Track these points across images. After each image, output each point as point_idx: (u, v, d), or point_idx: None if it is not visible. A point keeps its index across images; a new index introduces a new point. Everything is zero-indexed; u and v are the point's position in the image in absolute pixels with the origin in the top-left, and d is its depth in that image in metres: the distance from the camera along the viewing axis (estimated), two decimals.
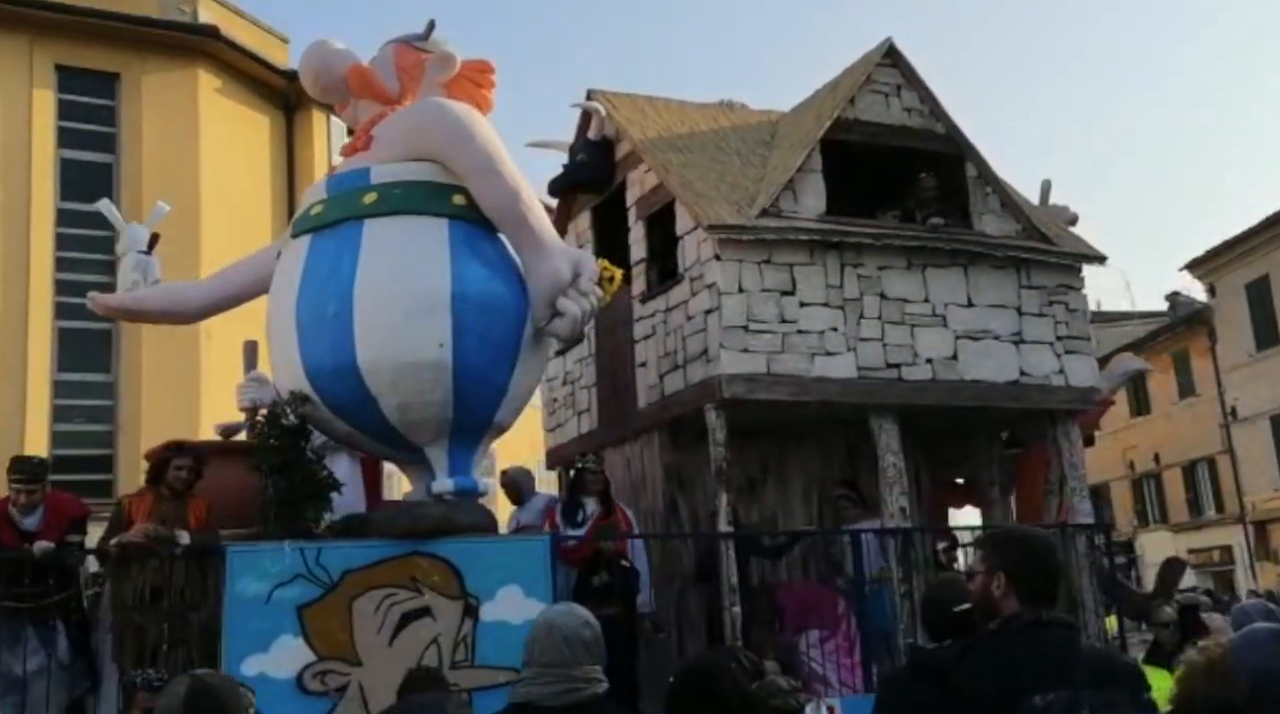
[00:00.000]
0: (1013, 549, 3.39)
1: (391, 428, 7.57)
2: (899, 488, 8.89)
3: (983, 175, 9.65)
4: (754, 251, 8.67)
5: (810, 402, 8.72)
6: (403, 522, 7.38)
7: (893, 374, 8.92)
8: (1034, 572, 3.27)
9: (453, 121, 7.69)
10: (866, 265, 9.01)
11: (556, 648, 3.35)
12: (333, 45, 8.40)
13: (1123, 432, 36.21)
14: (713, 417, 8.54)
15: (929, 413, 9.36)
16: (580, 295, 7.61)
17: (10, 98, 17.79)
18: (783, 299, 8.69)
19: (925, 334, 9.07)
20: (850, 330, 8.84)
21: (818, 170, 9.07)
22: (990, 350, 9.25)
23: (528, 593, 7.48)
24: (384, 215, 7.52)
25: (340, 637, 7.12)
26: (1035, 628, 3.19)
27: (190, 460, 7.26)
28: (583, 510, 8.64)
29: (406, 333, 7.23)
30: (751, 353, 8.51)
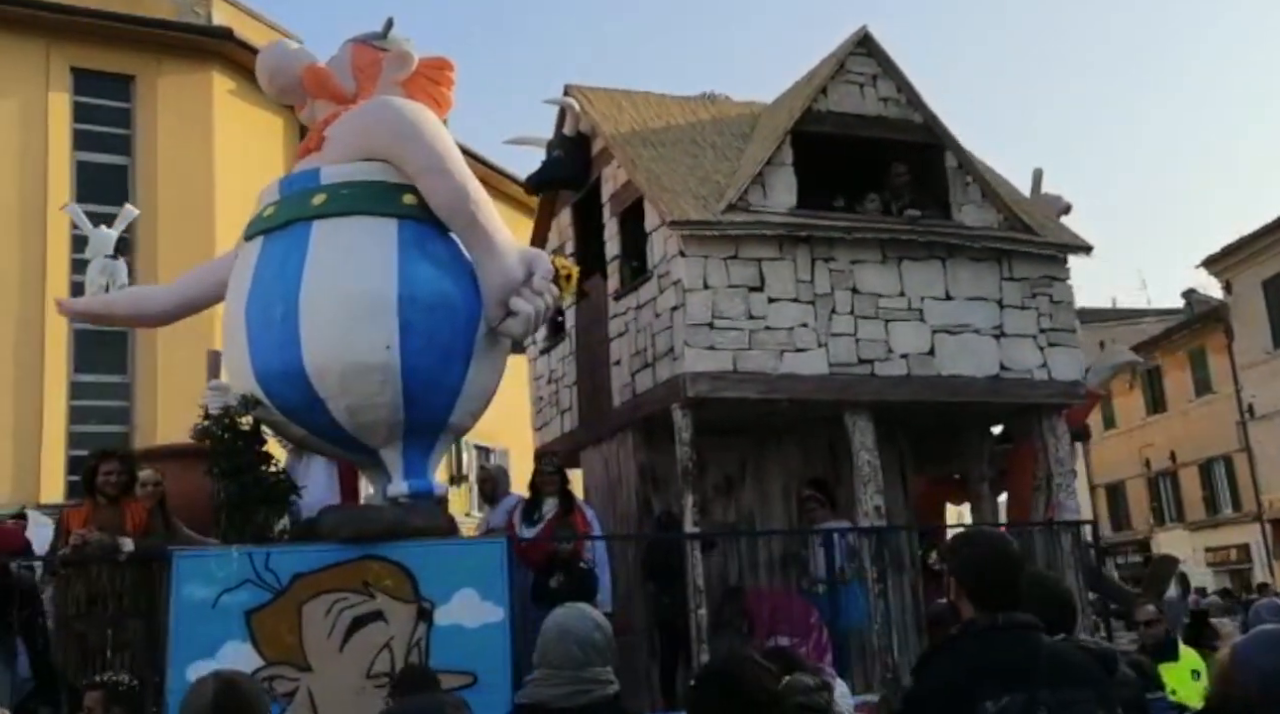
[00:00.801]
0: (962, 553, 3.36)
1: (343, 430, 7.52)
2: (874, 486, 8.71)
3: (963, 165, 9.43)
4: (720, 247, 8.52)
5: (779, 399, 8.55)
6: (353, 525, 7.30)
7: (866, 370, 8.73)
8: (983, 576, 3.22)
9: (401, 120, 7.61)
10: (839, 259, 8.82)
11: (568, 650, 3.34)
12: (288, 45, 8.39)
13: (1138, 430, 35.90)
14: (679, 415, 8.41)
15: (909, 409, 9.18)
16: (534, 294, 7.52)
17: (26, 101, 17.99)
18: (750, 295, 8.53)
19: (900, 329, 8.87)
20: (821, 326, 8.66)
21: (788, 163, 8.89)
22: (969, 344, 9.03)
23: (484, 596, 7.42)
24: (333, 216, 7.47)
25: (289, 641, 7.07)
26: (991, 632, 3.13)
27: (118, 465, 7.23)
28: (540, 510, 8.55)
29: (353, 335, 7.17)
30: (717, 350, 8.36)
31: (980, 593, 3.19)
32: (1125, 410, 36.54)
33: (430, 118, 7.74)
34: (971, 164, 9.46)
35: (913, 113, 9.40)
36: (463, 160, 7.73)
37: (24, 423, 16.59)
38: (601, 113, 9.80)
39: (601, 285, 9.84)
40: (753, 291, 8.54)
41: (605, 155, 9.76)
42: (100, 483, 7.27)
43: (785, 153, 8.91)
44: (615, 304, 9.50)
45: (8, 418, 16.49)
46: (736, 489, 9.55)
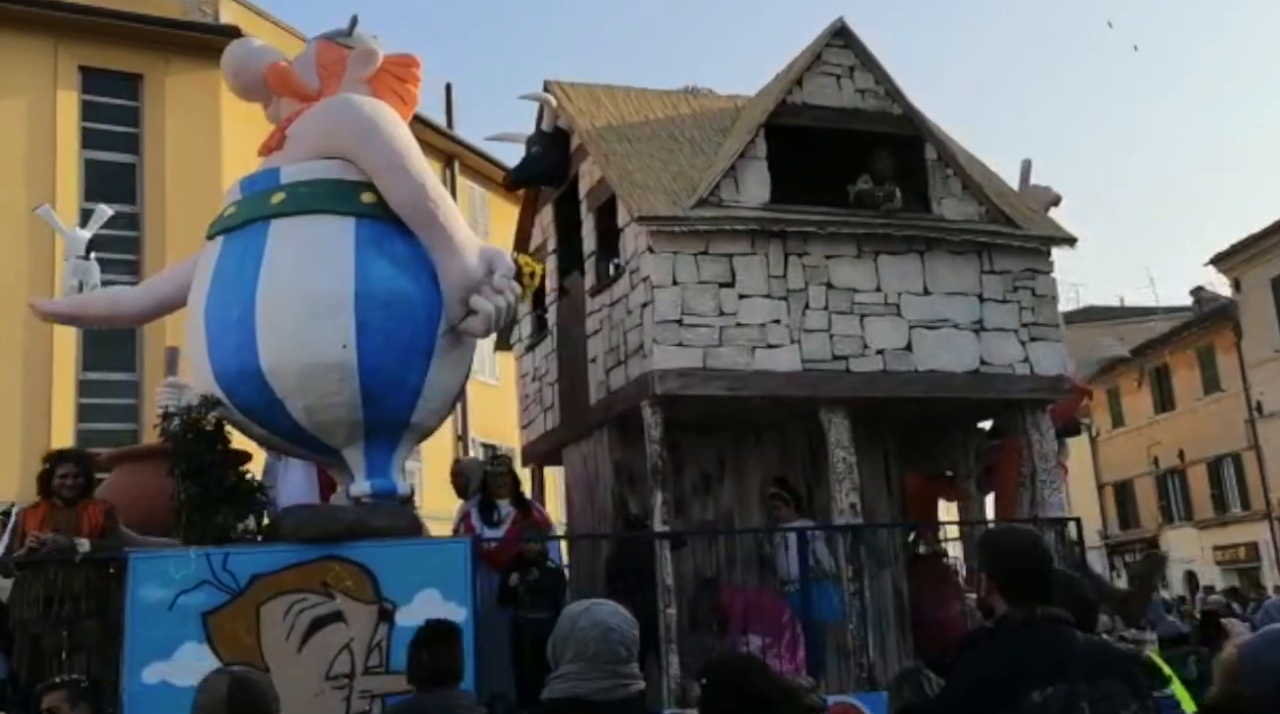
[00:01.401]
0: (990, 550, 3.41)
1: (303, 430, 7.50)
2: (849, 484, 8.58)
3: (942, 158, 9.28)
4: (689, 243, 8.42)
5: (751, 396, 8.45)
6: (313, 525, 7.27)
7: (840, 366, 8.61)
8: (1013, 571, 3.27)
9: (360, 118, 7.57)
10: (813, 254, 8.70)
11: (611, 646, 3.35)
12: (252, 43, 8.38)
13: (1146, 428, 35.73)
14: (648, 413, 8.33)
15: (891, 405, 9.07)
16: (495, 292, 7.46)
17: (35, 99, 18.10)
18: (721, 291, 8.43)
19: (876, 324, 8.74)
20: (794, 322, 8.55)
21: (762, 157, 8.77)
22: (948, 339, 8.89)
23: (447, 596, 7.39)
24: (291, 215, 7.45)
25: (247, 642, 7.05)
26: (1027, 626, 3.17)
27: (74, 467, 7.22)
28: (498, 511, 8.51)
29: (308, 334, 7.15)
30: (686, 347, 8.27)
31: (1013, 588, 3.23)
32: (1133, 409, 36.43)
33: (390, 115, 7.69)
34: (952, 156, 9.31)
35: (891, 105, 9.26)
36: (423, 158, 7.68)
37: (32, 421, 16.70)
38: (579, 108, 9.72)
39: (580, 282, 9.77)
40: (723, 288, 8.44)
41: (582, 151, 9.68)
42: (56, 485, 7.26)
43: (759, 147, 8.79)
44: (591, 301, 9.43)
45: (16, 416, 16.62)
46: (715, 487, 9.46)
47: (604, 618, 3.45)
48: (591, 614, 3.47)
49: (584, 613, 3.49)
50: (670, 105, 10.16)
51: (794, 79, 9.01)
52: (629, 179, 8.71)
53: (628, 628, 3.43)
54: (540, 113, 10.08)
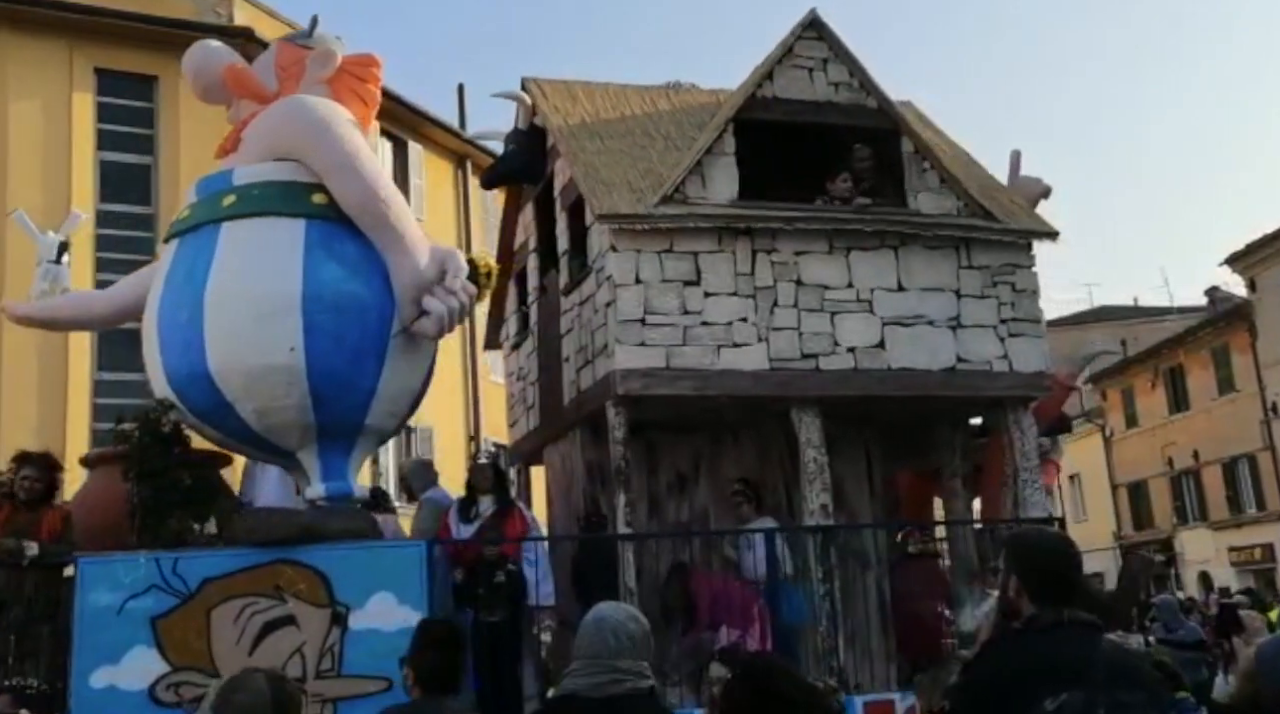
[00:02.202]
0: (1020, 551, 3.39)
1: (255, 433, 7.47)
2: (820, 484, 8.43)
3: (919, 150, 9.09)
4: (653, 241, 8.30)
5: (717, 396, 8.32)
6: (265, 529, 7.24)
7: (809, 365, 8.45)
8: (1039, 573, 3.26)
9: (310, 118, 7.53)
10: (782, 251, 8.55)
11: (603, 639, 3.32)
12: (211, 45, 8.33)
13: (1161, 429, 35.45)
14: (612, 413, 8.22)
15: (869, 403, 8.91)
16: (447, 293, 7.38)
17: (50, 101, 18.27)
18: (685, 290, 8.31)
19: (848, 321, 8.57)
20: (762, 320, 8.41)
21: (730, 153, 8.64)
22: (922, 336, 8.70)
23: (401, 600, 7.33)
24: (241, 217, 7.42)
25: (197, 647, 7.03)
26: (1054, 628, 3.16)
27: (34, 471, 7.23)
28: (476, 508, 8.43)
29: (255, 337, 7.10)
30: (649, 347, 8.15)
31: (1041, 590, 3.22)
32: (1147, 409, 36.14)
33: (341, 116, 7.63)
34: (929, 149, 9.11)
35: (865, 97, 9.08)
36: (374, 158, 7.64)
37: (47, 422, 16.83)
38: (554, 105, 9.63)
39: (555, 280, 9.69)
40: (688, 286, 8.32)
41: (557, 149, 9.59)
42: (17, 487, 7.28)
43: (727, 143, 8.66)
44: (564, 300, 9.35)
45: (31, 417, 16.75)
46: (690, 487, 9.33)
47: (598, 610, 3.46)
48: (595, 610, 3.49)
49: (592, 611, 3.51)
50: (649, 102, 10.04)
51: (764, 73, 8.86)
52: (594, 177, 8.60)
53: (623, 620, 3.40)
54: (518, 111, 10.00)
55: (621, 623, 3.38)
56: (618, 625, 3.36)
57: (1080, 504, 41.12)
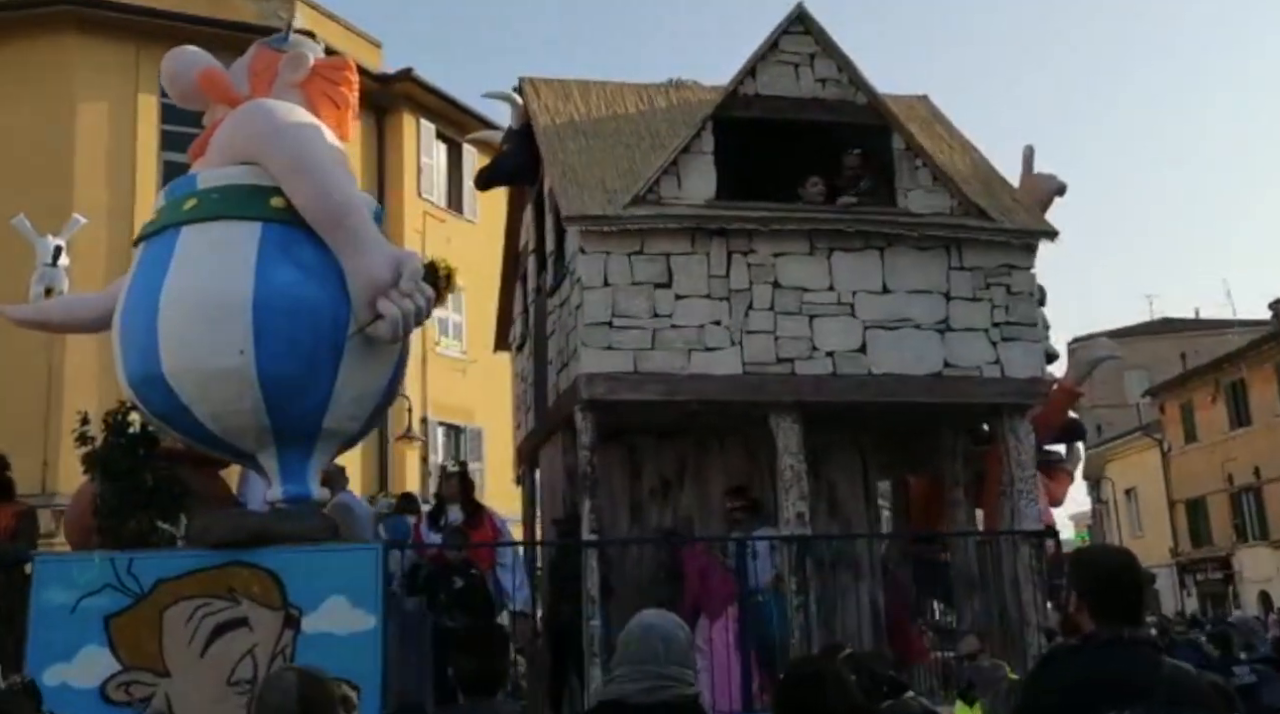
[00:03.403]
0: (1084, 568, 3.38)
1: (213, 435, 7.52)
2: (797, 492, 8.20)
3: (911, 148, 8.78)
4: (623, 242, 8.15)
5: (686, 401, 8.15)
6: (218, 530, 7.27)
7: (785, 369, 8.23)
8: (1104, 591, 3.24)
9: (268, 122, 7.54)
10: (759, 252, 8.33)
11: (651, 646, 3.37)
12: (187, 50, 8.40)
13: (1221, 444, 34.30)
14: (579, 418, 8.10)
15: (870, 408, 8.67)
16: (402, 296, 7.34)
17: (117, 103, 18.77)
18: (656, 292, 8.14)
19: (827, 324, 8.32)
20: (736, 323, 8.20)
21: (708, 152, 8.44)
22: (907, 340, 8.40)
23: (355, 603, 7.31)
24: (200, 221, 7.46)
25: (149, 647, 7.10)
26: (1113, 645, 3.14)
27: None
28: (445, 517, 8.41)
29: (207, 340, 7.13)
30: (616, 350, 8.01)
31: (1103, 607, 3.20)
32: (1207, 424, 35.00)
33: (301, 120, 7.63)
34: (920, 146, 8.80)
35: (854, 93, 8.81)
36: (334, 161, 7.59)
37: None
38: (545, 105, 9.54)
39: (545, 282, 9.61)
40: (659, 288, 8.15)
41: None
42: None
43: (705, 141, 8.46)
44: (549, 302, 9.26)
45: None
46: (674, 493, 9.18)
47: (645, 617, 3.51)
48: (641, 618, 3.53)
49: (636, 615, 3.57)
50: (646, 100, 9.89)
51: (747, 69, 8.65)
52: (570, 177, 8.49)
53: (670, 628, 3.44)
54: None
55: (669, 631, 3.43)
56: (665, 633, 3.41)
57: (1137, 520, 40.22)
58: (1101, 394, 45.51)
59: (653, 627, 3.42)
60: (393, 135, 20.56)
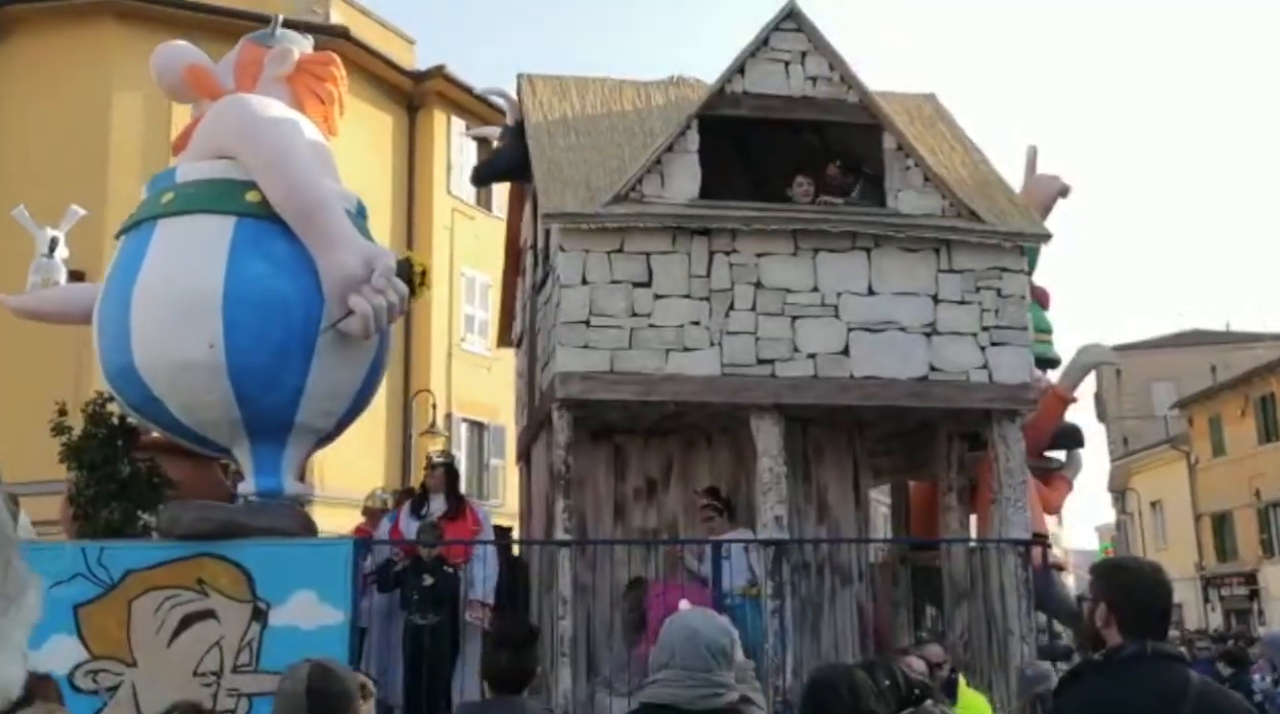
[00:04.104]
0: (1113, 578, 3.33)
1: (187, 428, 7.58)
2: (775, 495, 8.10)
3: (902, 147, 8.63)
4: (602, 240, 8.09)
5: (663, 402, 8.08)
6: (185, 522, 7.33)
7: (765, 371, 8.12)
8: (1134, 603, 3.19)
9: (244, 116, 7.59)
10: (742, 252, 8.23)
11: (699, 654, 3.40)
12: (176, 45, 8.48)
13: (1249, 459, 33.75)
14: (555, 416, 8.06)
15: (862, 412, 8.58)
16: (374, 292, 7.35)
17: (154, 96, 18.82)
18: (635, 291, 8.07)
19: (810, 326, 8.20)
20: (716, 323, 8.11)
21: (693, 151, 8.35)
22: (892, 343, 8.26)
23: (323, 598, 7.36)
24: (176, 214, 7.53)
25: (116, 636, 7.17)
26: (1139, 660, 3.09)
27: None
28: (427, 508, 8.40)
29: (176, 333, 7.21)
30: (593, 349, 7.95)
31: (1134, 621, 3.16)
32: (1235, 438, 34.32)
33: (278, 115, 7.66)
34: (911, 146, 8.66)
35: (846, 92, 8.67)
36: (310, 156, 7.61)
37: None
38: (540, 101, 9.51)
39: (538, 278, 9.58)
40: (638, 287, 8.08)
41: None
42: None
43: (690, 139, 8.38)
44: (536, 299, 9.23)
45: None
46: (659, 493, 9.11)
47: (692, 621, 3.52)
48: (683, 619, 3.56)
49: (679, 618, 3.59)
50: (643, 97, 9.83)
51: (735, 67, 8.55)
52: (554, 174, 8.45)
53: (717, 634, 3.46)
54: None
55: (715, 639, 3.44)
56: (711, 641, 3.42)
57: (1162, 532, 39.64)
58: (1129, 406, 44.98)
59: (698, 634, 3.43)
60: (424, 132, 20.66)
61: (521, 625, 5.04)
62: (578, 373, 7.92)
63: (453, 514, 8.45)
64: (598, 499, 8.97)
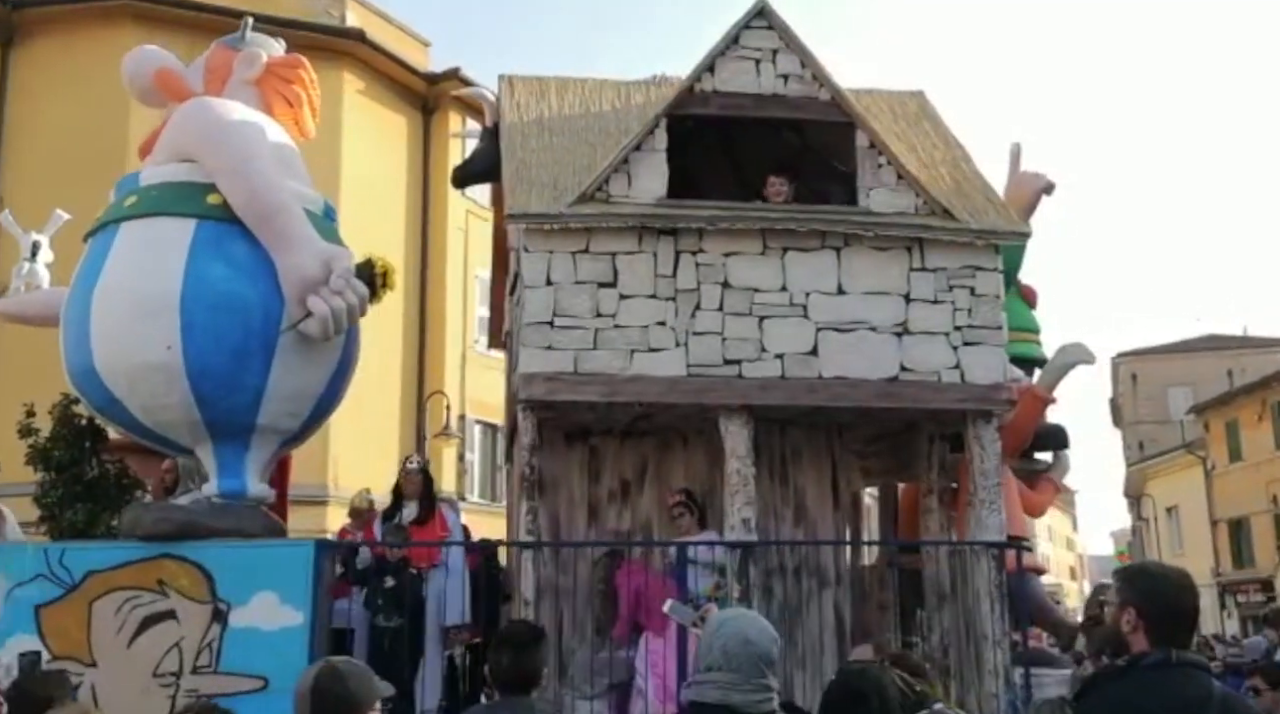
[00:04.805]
0: (1140, 585, 3.31)
1: (149, 429, 7.62)
2: (743, 496, 8.03)
3: (875, 145, 8.53)
4: (567, 241, 8.05)
5: (628, 403, 8.03)
6: (145, 523, 7.39)
7: (731, 371, 8.05)
8: (1160, 610, 3.19)
9: (205, 120, 7.63)
10: (709, 252, 8.17)
11: (753, 660, 3.49)
12: (146, 49, 8.53)
13: (1267, 464, 33.42)
14: (520, 418, 8.04)
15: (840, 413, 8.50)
16: (332, 294, 7.35)
17: None
18: (600, 291, 8.03)
19: (777, 326, 8.12)
20: (681, 324, 8.05)
21: (661, 150, 8.30)
22: (861, 343, 8.16)
23: (284, 599, 7.37)
24: (138, 217, 7.57)
25: (77, 637, 7.23)
26: (1163, 667, 3.09)
27: None
28: (400, 514, 8.41)
29: (135, 335, 7.24)
30: (556, 350, 7.92)
31: (1161, 627, 3.15)
32: (1253, 443, 33.86)
33: (239, 118, 7.69)
34: (884, 143, 8.55)
35: (818, 89, 8.59)
36: (269, 159, 7.62)
37: None
38: (517, 102, 9.50)
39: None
40: (603, 288, 8.03)
41: None
42: None
43: (658, 139, 8.33)
44: (509, 301, 9.21)
45: None
46: (633, 495, 9.05)
47: (744, 627, 3.57)
48: (735, 624, 3.61)
49: (728, 621, 3.65)
50: (623, 97, 9.79)
51: (704, 65, 8.49)
52: (521, 175, 8.44)
53: (767, 641, 3.55)
54: None
55: (767, 649, 3.53)
56: (764, 652, 3.51)
57: (1178, 538, 39.14)
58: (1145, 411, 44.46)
59: (752, 643, 3.49)
60: (438, 134, 20.75)
61: (524, 627, 5.07)
62: (541, 374, 7.89)
63: (422, 519, 8.45)
64: (571, 501, 8.93)
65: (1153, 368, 44.63)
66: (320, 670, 3.38)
